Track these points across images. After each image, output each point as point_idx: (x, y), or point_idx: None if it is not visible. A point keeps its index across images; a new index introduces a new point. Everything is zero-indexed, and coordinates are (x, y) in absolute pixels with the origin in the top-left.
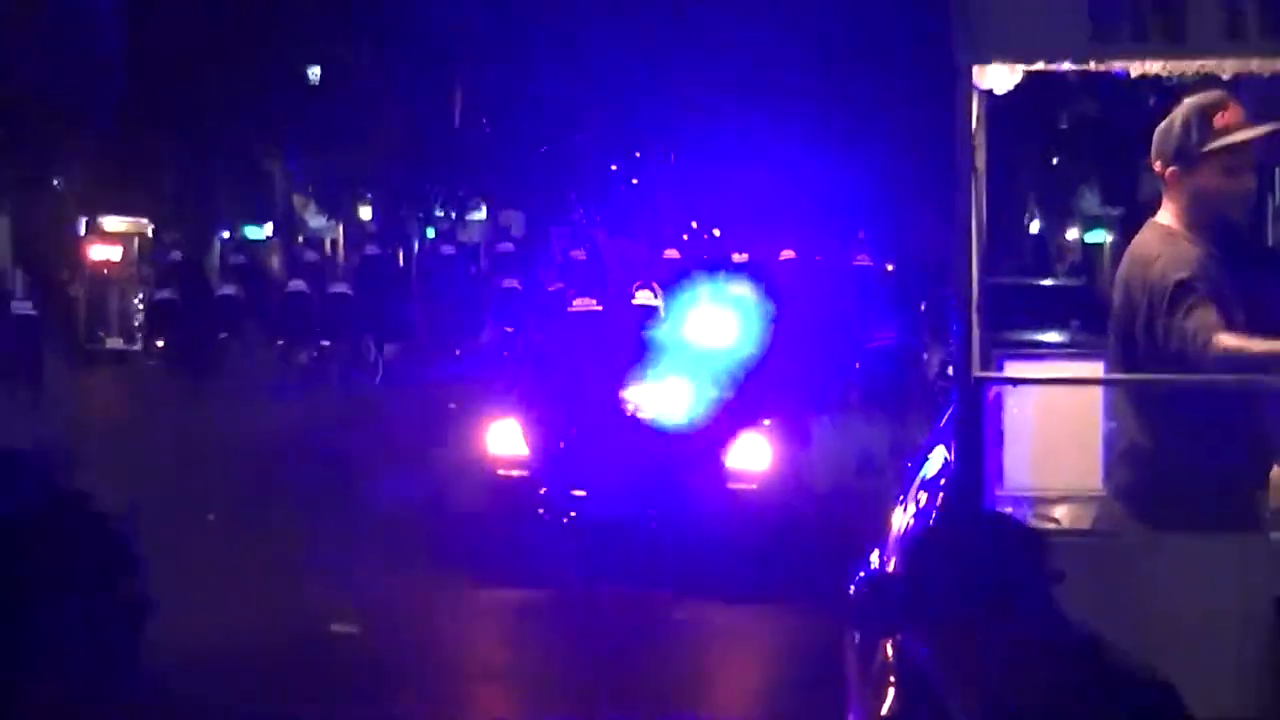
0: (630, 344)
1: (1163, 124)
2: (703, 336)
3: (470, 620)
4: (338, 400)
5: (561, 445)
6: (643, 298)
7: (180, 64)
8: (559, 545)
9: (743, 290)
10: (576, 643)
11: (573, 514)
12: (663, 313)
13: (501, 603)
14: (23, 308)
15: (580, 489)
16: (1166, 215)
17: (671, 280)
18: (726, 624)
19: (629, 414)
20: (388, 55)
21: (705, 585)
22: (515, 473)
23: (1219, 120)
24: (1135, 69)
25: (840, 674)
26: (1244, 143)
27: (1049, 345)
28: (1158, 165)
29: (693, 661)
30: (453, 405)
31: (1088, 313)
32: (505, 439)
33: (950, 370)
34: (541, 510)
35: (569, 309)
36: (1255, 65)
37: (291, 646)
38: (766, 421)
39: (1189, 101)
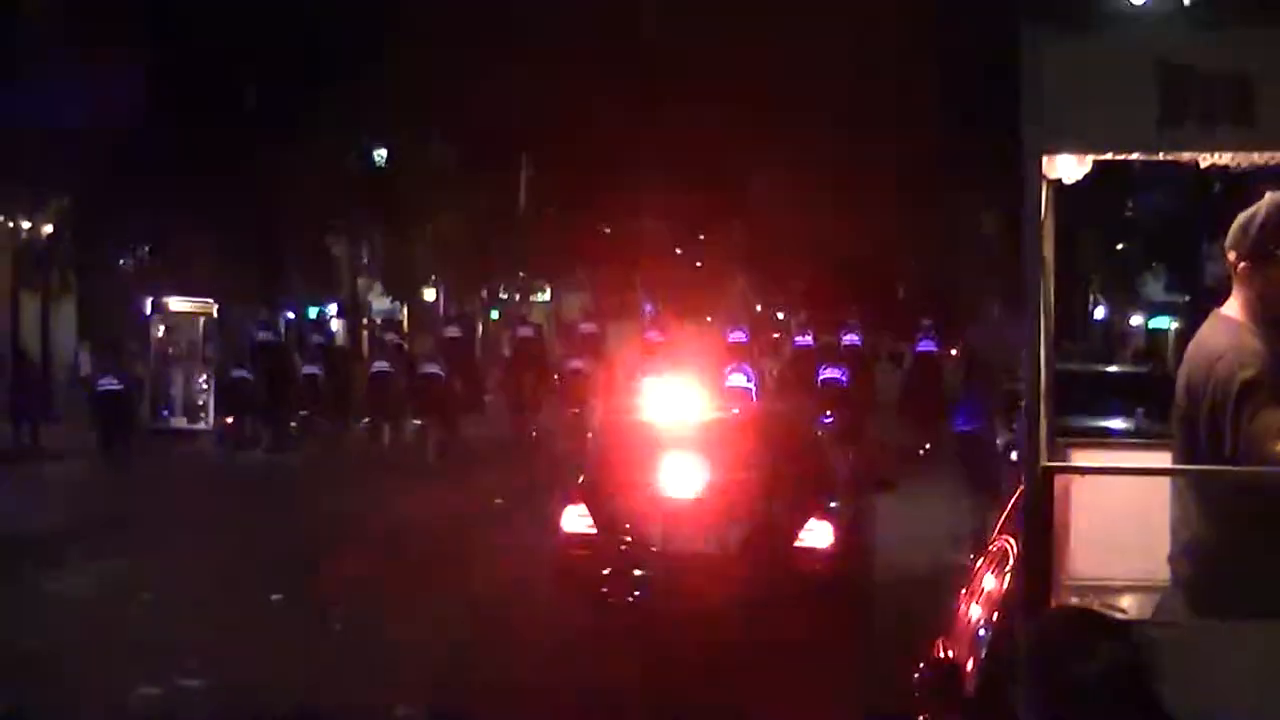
0: (701, 429)
1: (1243, 215)
2: (768, 422)
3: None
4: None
5: (628, 527)
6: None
7: (248, 145)
8: (622, 626)
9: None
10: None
11: (636, 594)
12: (753, 394)
13: (561, 681)
14: (108, 384)
15: (644, 570)
16: (1233, 307)
17: (740, 364)
18: (793, 692)
19: (697, 497)
20: (454, 138)
21: (770, 666)
22: (584, 553)
23: None
24: (1204, 159)
25: None
26: None
27: (1114, 433)
28: (1231, 255)
29: None
30: (499, 501)
31: (1152, 400)
32: (575, 520)
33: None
34: (605, 590)
35: (639, 390)
36: None
37: None
38: (834, 505)
39: (1272, 197)
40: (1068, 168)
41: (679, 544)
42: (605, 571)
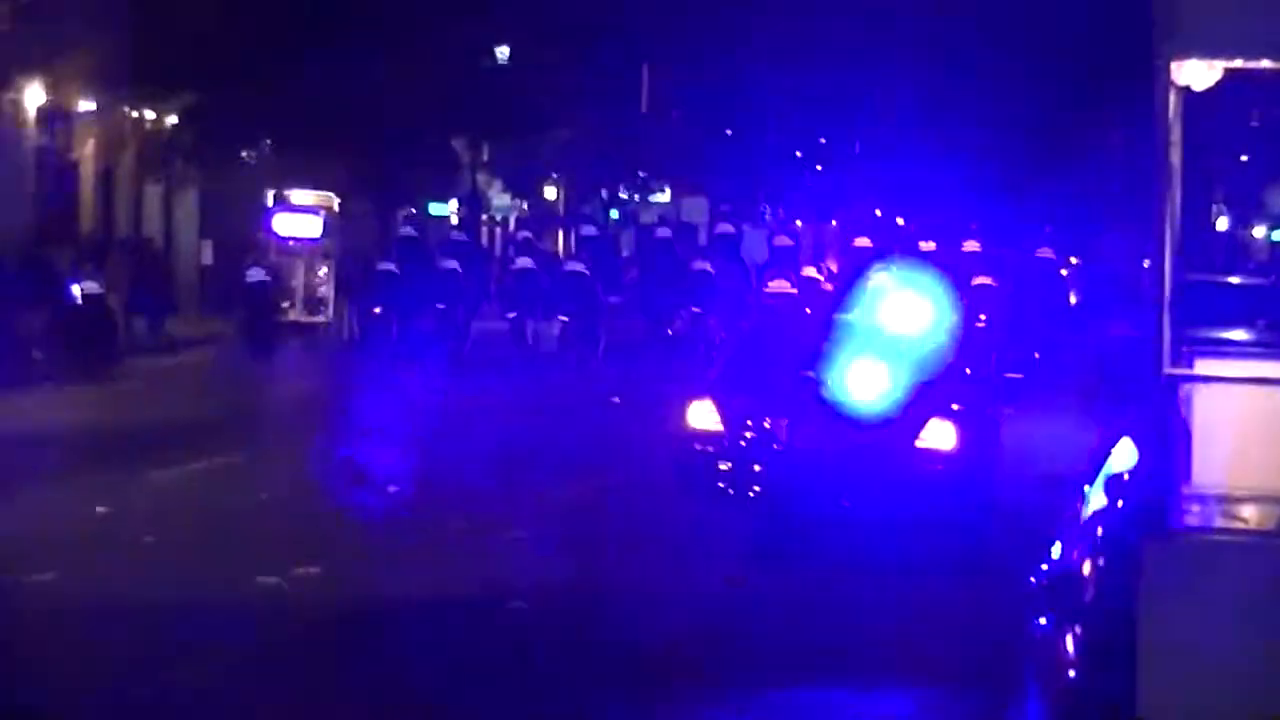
0: (823, 329)
1: None
2: (892, 323)
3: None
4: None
5: (751, 424)
6: (809, 273)
7: (371, 42)
8: (742, 519)
9: (933, 278)
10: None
11: (756, 488)
12: (834, 288)
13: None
14: (257, 275)
15: (767, 465)
16: None
17: (863, 266)
18: (908, 597)
19: (821, 396)
20: (576, 39)
21: (886, 567)
22: (709, 448)
23: None
24: None
25: (1022, 654)
26: None
27: (1236, 344)
28: None
29: (871, 631)
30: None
31: (1276, 312)
32: (701, 416)
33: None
34: (723, 484)
35: (765, 293)
36: None
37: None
38: (956, 407)
39: None
40: (1197, 75)
41: (801, 443)
42: (726, 466)
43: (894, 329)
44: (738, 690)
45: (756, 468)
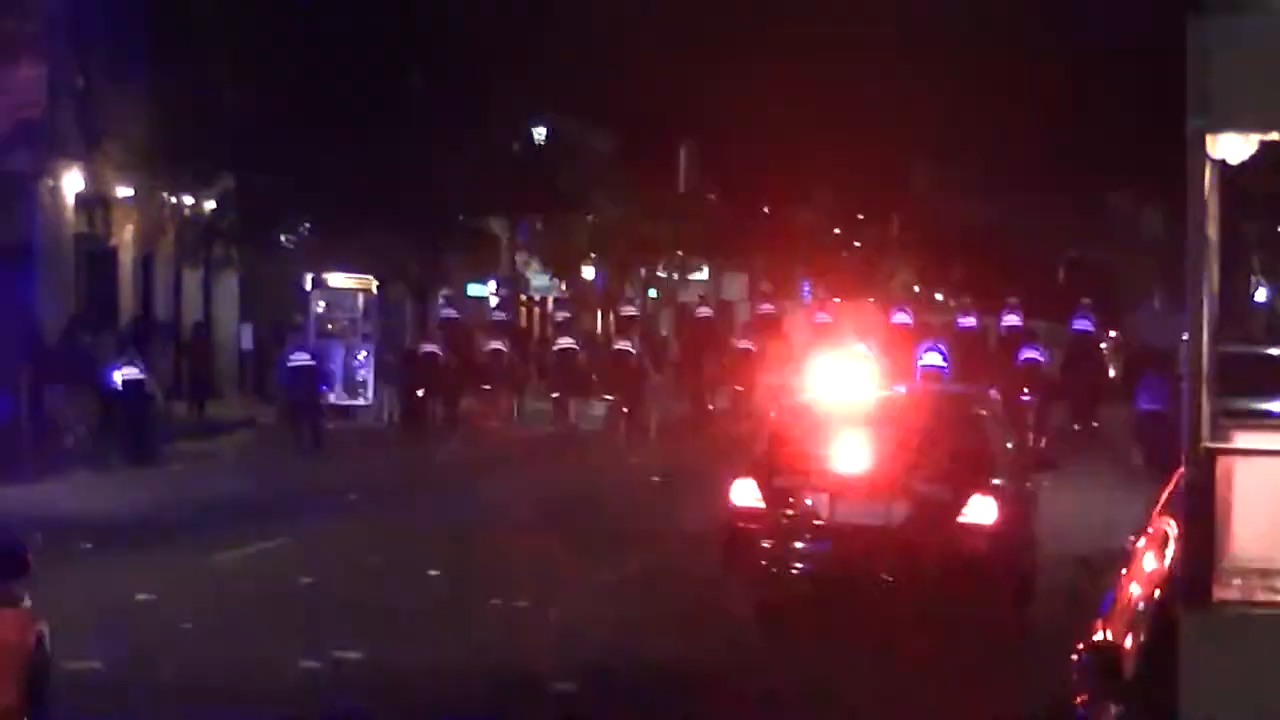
0: (869, 408)
1: None
2: (933, 400)
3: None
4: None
5: (793, 501)
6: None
7: (409, 123)
8: (786, 595)
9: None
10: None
11: (799, 565)
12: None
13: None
14: (300, 359)
15: (806, 542)
16: None
17: (902, 343)
18: (953, 667)
19: (864, 472)
20: (616, 117)
21: (931, 642)
22: (753, 526)
23: None
24: None
25: None
26: None
27: (1275, 415)
28: None
29: (914, 707)
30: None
31: None
32: (745, 494)
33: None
34: (765, 561)
35: (810, 370)
36: None
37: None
38: (997, 482)
39: None
40: (1232, 148)
41: (844, 518)
42: (769, 544)
43: (930, 405)
44: None
45: (798, 544)
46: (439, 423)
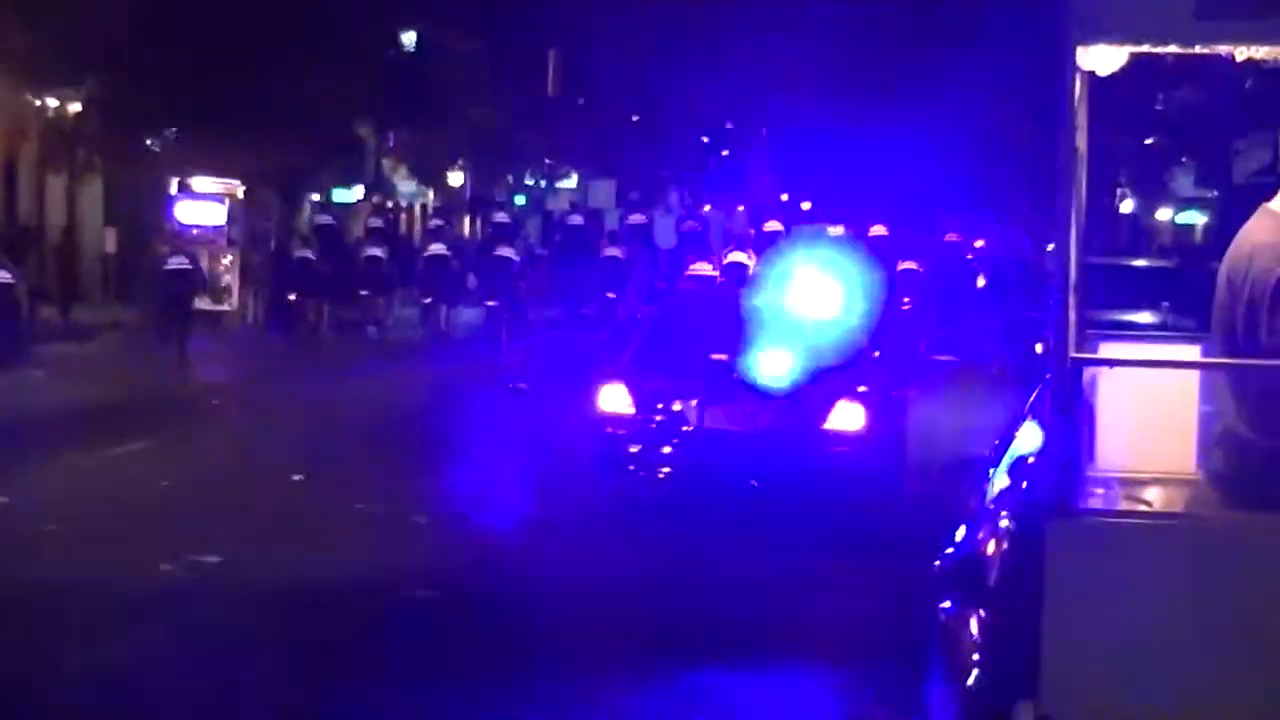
0: (734, 312)
1: None
2: (803, 306)
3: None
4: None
5: (662, 406)
6: (735, 257)
7: (274, 28)
8: (651, 500)
9: (841, 262)
10: (663, 593)
11: (666, 469)
12: (754, 272)
13: (586, 552)
14: (178, 262)
15: (676, 446)
16: None
17: (773, 251)
18: (815, 577)
19: (731, 378)
20: (484, 24)
21: (793, 546)
22: (620, 431)
23: None
24: (1240, 52)
25: (926, 637)
26: None
27: (1140, 326)
28: None
29: (778, 611)
30: (521, 387)
31: (1180, 294)
32: (613, 399)
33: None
34: (633, 466)
35: (679, 277)
36: None
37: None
38: (863, 389)
39: None
40: (1102, 59)
41: (712, 423)
42: (636, 448)
43: (805, 313)
44: (641, 669)
45: (666, 449)
46: (312, 328)
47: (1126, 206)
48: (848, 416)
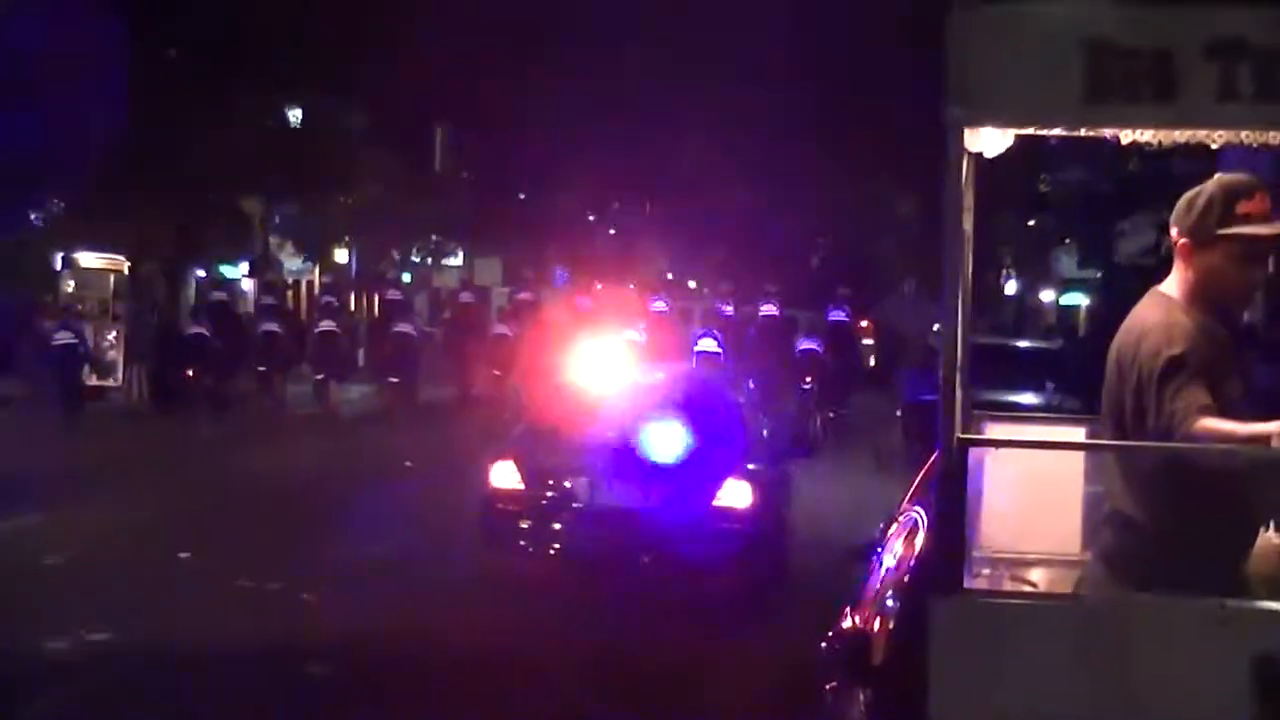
0: (628, 392)
1: (1189, 194)
2: (690, 386)
3: (445, 641)
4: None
5: (552, 483)
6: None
7: (161, 104)
8: (543, 575)
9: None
10: (546, 663)
11: (557, 546)
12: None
13: (480, 626)
14: (65, 337)
15: (565, 524)
16: (1171, 285)
17: (662, 330)
18: (706, 653)
19: (621, 455)
20: (369, 103)
21: (680, 624)
22: (511, 507)
23: (1242, 207)
24: (1126, 135)
25: (814, 717)
26: (1261, 237)
27: (1025, 407)
28: (1173, 232)
29: (665, 686)
30: (409, 463)
31: (1063, 375)
32: (504, 476)
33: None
34: (524, 543)
35: (569, 355)
36: (1245, 136)
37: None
38: (751, 467)
39: (1219, 179)
40: (990, 141)
41: (602, 500)
42: (527, 524)
43: (688, 391)
44: None
45: (556, 525)
46: (205, 404)
47: (1010, 287)
48: (736, 494)
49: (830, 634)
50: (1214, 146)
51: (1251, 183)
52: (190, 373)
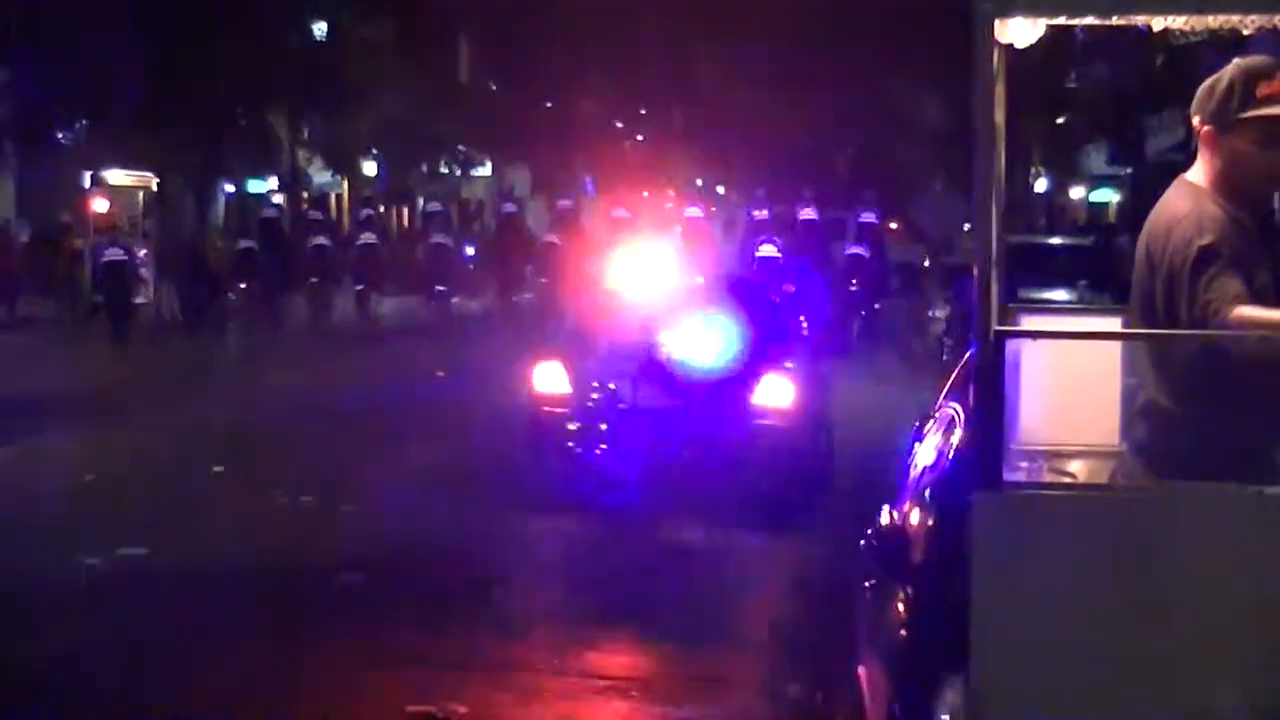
0: (669, 295)
1: (1208, 81)
2: (732, 287)
3: (496, 544)
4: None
5: (597, 384)
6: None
7: (186, 18)
8: (590, 475)
9: (768, 245)
10: (594, 564)
11: (603, 446)
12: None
13: (527, 528)
14: (114, 254)
15: (611, 424)
16: (1197, 173)
17: (697, 236)
18: (746, 550)
19: (663, 357)
20: (395, 12)
21: (728, 513)
22: (558, 410)
23: (1263, 89)
24: (1158, 23)
25: (851, 611)
26: None
27: (1056, 303)
28: (1195, 120)
29: (708, 586)
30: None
31: (1094, 272)
32: (549, 379)
33: (946, 326)
34: (572, 444)
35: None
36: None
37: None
38: (789, 364)
39: (1238, 63)
40: (1020, 32)
41: (646, 400)
42: (573, 426)
43: (730, 292)
44: (564, 645)
45: (603, 426)
46: (240, 319)
47: (1040, 185)
48: (775, 391)
49: (869, 531)
50: (1246, 33)
51: (1271, 64)
52: (243, 286)
